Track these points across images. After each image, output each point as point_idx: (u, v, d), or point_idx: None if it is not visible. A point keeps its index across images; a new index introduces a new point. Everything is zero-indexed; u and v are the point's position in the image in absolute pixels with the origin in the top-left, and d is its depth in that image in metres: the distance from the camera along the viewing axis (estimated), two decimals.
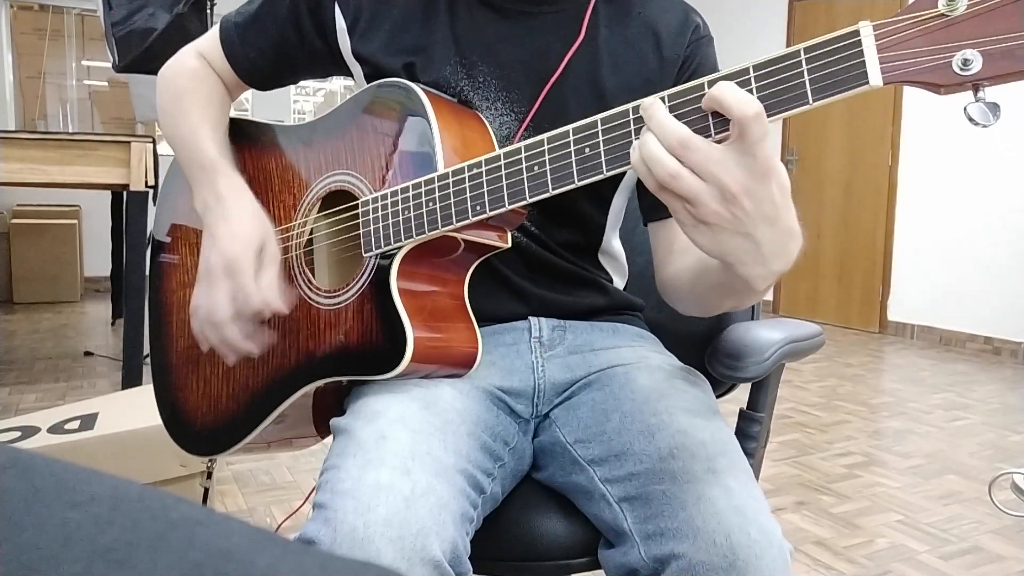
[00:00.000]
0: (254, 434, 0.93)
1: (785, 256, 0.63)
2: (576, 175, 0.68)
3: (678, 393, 0.85)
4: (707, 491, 0.72)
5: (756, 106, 0.57)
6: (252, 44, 0.96)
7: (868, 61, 0.56)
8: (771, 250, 0.62)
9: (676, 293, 0.89)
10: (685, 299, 0.87)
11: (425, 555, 0.65)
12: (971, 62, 0.55)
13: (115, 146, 2.74)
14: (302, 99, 6.86)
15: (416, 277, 0.82)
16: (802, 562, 1.86)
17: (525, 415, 0.90)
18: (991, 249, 4.41)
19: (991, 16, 0.54)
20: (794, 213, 0.62)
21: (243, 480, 2.28)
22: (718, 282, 0.75)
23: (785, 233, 0.62)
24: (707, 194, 0.59)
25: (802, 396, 3.40)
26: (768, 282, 0.64)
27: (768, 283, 0.65)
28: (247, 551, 0.23)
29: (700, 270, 0.80)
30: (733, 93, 0.58)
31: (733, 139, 0.58)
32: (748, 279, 0.63)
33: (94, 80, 5.86)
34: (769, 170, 0.59)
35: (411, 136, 0.81)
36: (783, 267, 0.63)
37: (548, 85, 0.87)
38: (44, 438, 1.76)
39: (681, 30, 0.92)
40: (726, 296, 0.78)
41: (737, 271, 0.63)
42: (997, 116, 0.55)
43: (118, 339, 3.70)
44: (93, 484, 0.25)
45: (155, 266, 1.06)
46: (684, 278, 0.85)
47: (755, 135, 0.58)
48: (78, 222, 5.50)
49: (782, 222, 0.61)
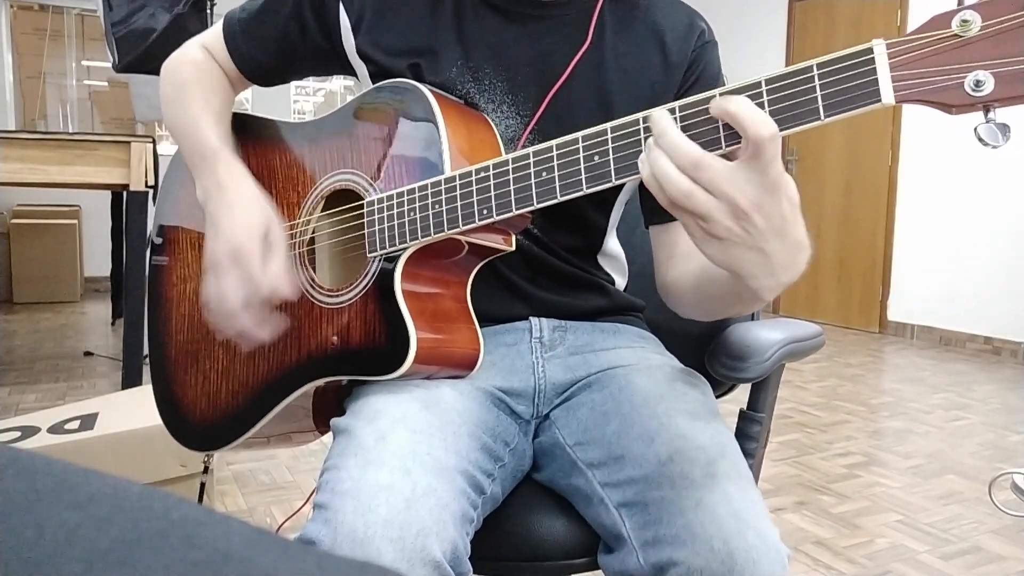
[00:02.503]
0: (253, 431, 0.92)
1: (794, 267, 0.64)
2: (585, 183, 0.68)
3: (678, 396, 0.84)
4: (705, 497, 0.72)
5: (772, 127, 0.58)
6: (255, 39, 0.96)
7: (881, 79, 0.56)
8: (781, 262, 0.62)
9: (679, 298, 0.89)
10: (688, 304, 0.87)
11: (425, 555, 0.65)
12: (983, 83, 0.55)
13: (115, 146, 2.74)
14: (302, 99, 6.85)
15: (420, 279, 0.82)
16: (802, 562, 1.86)
17: (525, 416, 0.90)
18: (991, 249, 4.41)
19: (1004, 38, 0.54)
20: (803, 225, 0.63)
21: (243, 480, 2.28)
22: (724, 291, 0.76)
23: (794, 245, 0.63)
24: (719, 211, 0.59)
25: (802, 396, 3.40)
26: (776, 292, 0.65)
27: (776, 293, 0.65)
28: (247, 551, 0.23)
29: (706, 279, 0.80)
30: (750, 112, 0.58)
31: (746, 158, 0.59)
32: (756, 290, 0.64)
33: (94, 80, 5.86)
34: (780, 186, 0.60)
35: (418, 138, 0.81)
36: (792, 278, 0.64)
37: (553, 89, 0.87)
38: (44, 438, 1.76)
39: (686, 35, 0.92)
40: (731, 304, 0.78)
41: (747, 283, 0.64)
42: (1007, 137, 0.56)
43: (118, 339, 3.70)
44: (93, 484, 0.25)
45: (155, 260, 1.05)
46: (687, 284, 0.85)
47: (769, 155, 0.58)
48: (78, 222, 5.50)
49: (792, 235, 0.62)
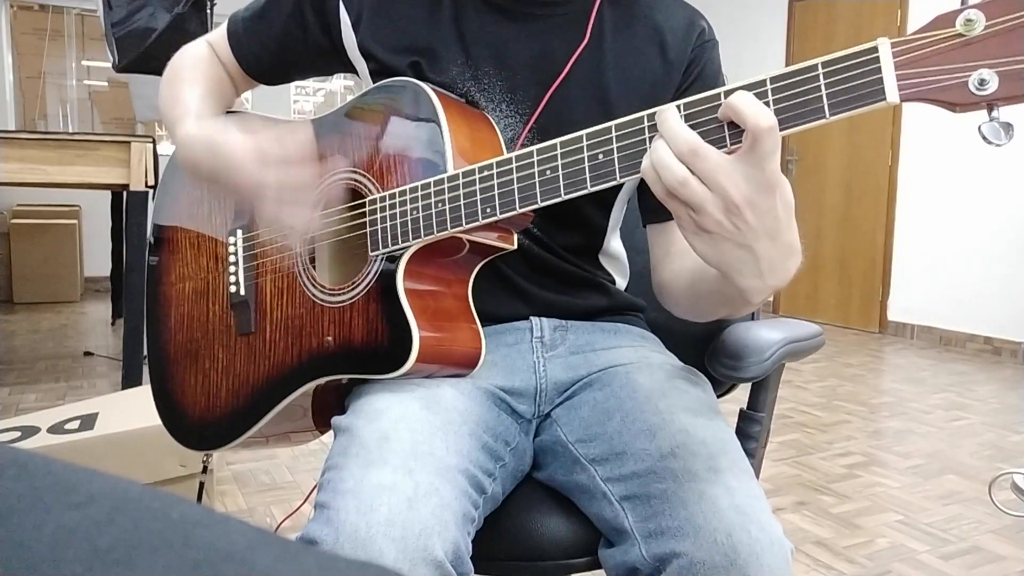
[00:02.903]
0: (253, 430, 0.92)
1: (783, 272, 0.64)
2: (589, 181, 0.68)
3: (679, 393, 0.85)
4: (708, 490, 0.72)
5: (771, 119, 0.58)
6: (256, 38, 0.97)
7: (885, 78, 0.57)
8: (769, 264, 0.63)
9: (672, 297, 0.89)
10: (681, 303, 0.88)
11: (427, 555, 0.65)
12: (987, 82, 0.55)
13: (115, 146, 2.74)
14: (302, 99, 6.85)
15: (422, 277, 0.82)
16: (802, 562, 1.86)
17: (527, 415, 0.90)
18: (991, 249, 4.41)
19: (1008, 37, 0.54)
20: (796, 231, 0.63)
21: (243, 480, 2.28)
22: (714, 290, 0.76)
23: (785, 249, 0.63)
24: (711, 203, 0.60)
25: (802, 396, 3.40)
26: (763, 296, 0.65)
27: (763, 296, 0.65)
28: (247, 551, 0.23)
29: (697, 276, 0.80)
30: (750, 103, 0.58)
31: (744, 150, 0.59)
32: (743, 290, 0.64)
33: (94, 80, 5.86)
34: (774, 185, 0.60)
35: (420, 136, 0.81)
36: (779, 283, 0.65)
37: (552, 87, 0.87)
38: (44, 438, 1.76)
39: (686, 34, 0.92)
40: (720, 304, 0.78)
41: (734, 281, 0.64)
42: (1010, 135, 0.56)
43: (118, 339, 3.71)
44: (93, 484, 0.25)
45: (153, 259, 1.05)
46: (680, 282, 0.86)
47: (766, 148, 0.58)
48: (78, 222, 5.50)
49: (783, 237, 0.62)
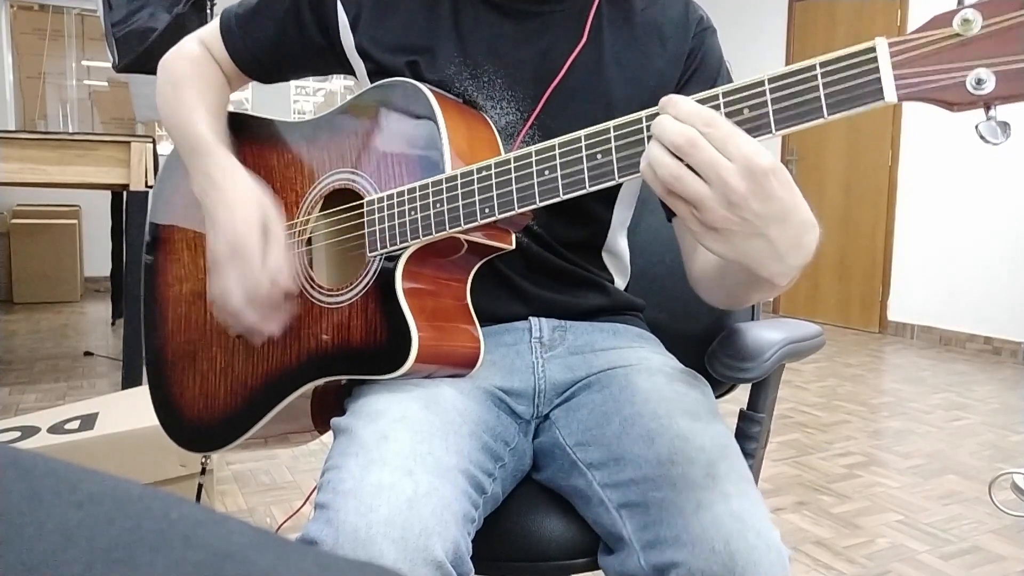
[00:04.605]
0: (252, 432, 0.92)
1: (804, 249, 0.62)
2: (588, 181, 0.68)
3: (678, 396, 0.84)
4: (706, 498, 0.72)
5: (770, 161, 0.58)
6: (251, 35, 0.96)
7: (883, 77, 0.57)
8: (786, 247, 0.61)
9: (707, 289, 0.87)
10: (715, 296, 0.87)
11: (428, 555, 0.65)
12: (985, 81, 0.55)
13: (115, 146, 2.74)
14: (302, 99, 6.85)
15: (420, 278, 0.82)
16: (802, 562, 1.86)
17: (526, 415, 0.90)
18: (991, 249, 4.41)
19: (1005, 36, 0.54)
20: (805, 205, 0.62)
21: (243, 480, 2.28)
22: (740, 281, 0.76)
23: (799, 226, 0.61)
24: (712, 199, 0.58)
25: (802, 396, 3.40)
26: (789, 276, 0.64)
27: (790, 277, 0.64)
28: (247, 551, 0.23)
29: (723, 266, 0.79)
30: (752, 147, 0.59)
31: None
32: (768, 277, 0.63)
33: (94, 80, 5.86)
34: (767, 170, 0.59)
35: (418, 136, 0.81)
36: (802, 260, 0.63)
37: (552, 85, 0.87)
38: (44, 438, 1.76)
39: (685, 24, 0.93)
40: (752, 291, 0.77)
41: (755, 271, 0.62)
42: (1008, 134, 0.56)
43: (118, 339, 3.71)
44: (93, 484, 0.25)
45: (150, 260, 1.05)
46: (711, 274, 0.84)
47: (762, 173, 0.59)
48: (78, 222, 5.50)
49: (794, 216, 0.61)
